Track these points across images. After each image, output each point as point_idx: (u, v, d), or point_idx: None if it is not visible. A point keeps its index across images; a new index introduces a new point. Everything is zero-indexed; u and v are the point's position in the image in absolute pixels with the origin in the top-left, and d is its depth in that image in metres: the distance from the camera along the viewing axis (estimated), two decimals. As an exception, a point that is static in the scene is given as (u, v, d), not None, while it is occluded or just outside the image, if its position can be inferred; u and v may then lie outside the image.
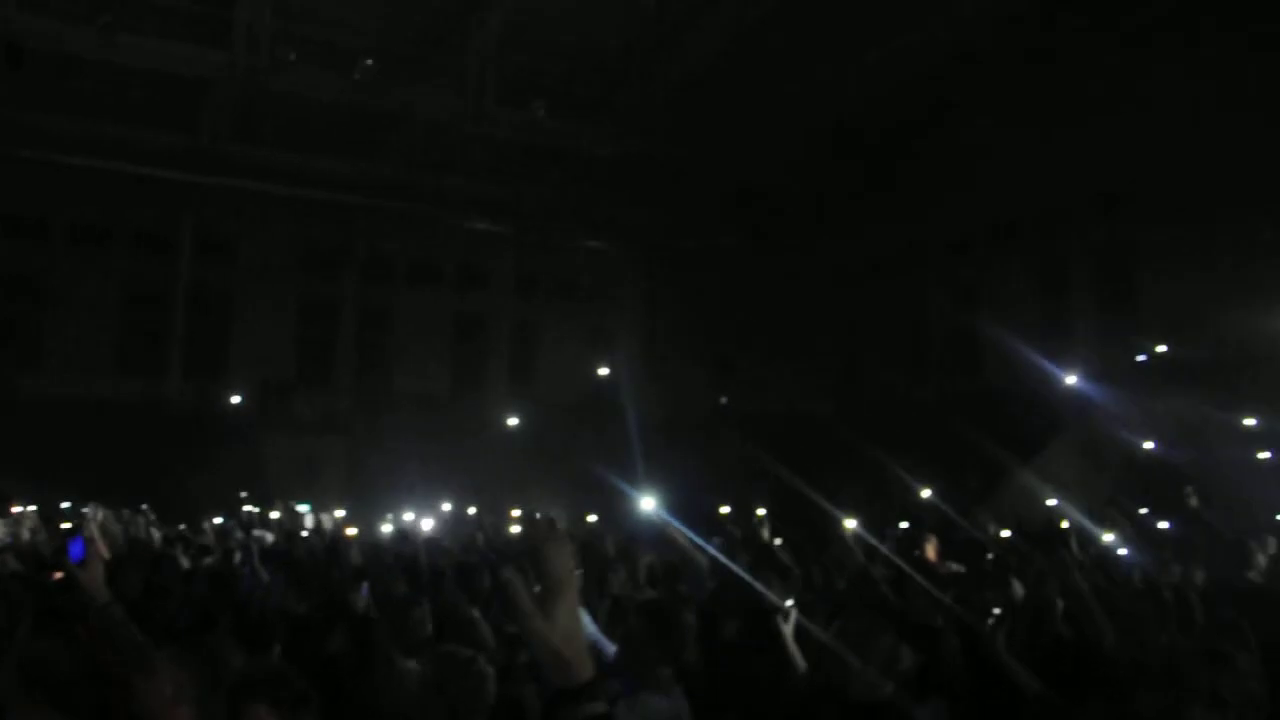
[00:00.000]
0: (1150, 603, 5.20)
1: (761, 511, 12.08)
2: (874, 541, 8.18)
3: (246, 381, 22.91)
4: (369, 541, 11.71)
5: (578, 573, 1.56)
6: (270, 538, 11.67)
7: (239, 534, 10.92)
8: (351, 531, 11.23)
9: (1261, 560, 7.55)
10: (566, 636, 1.49)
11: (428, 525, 13.38)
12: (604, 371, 25.31)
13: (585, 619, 3.78)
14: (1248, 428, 14.45)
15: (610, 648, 3.77)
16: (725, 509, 12.21)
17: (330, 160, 21.96)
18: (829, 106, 21.29)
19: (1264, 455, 12.98)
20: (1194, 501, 10.93)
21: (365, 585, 7.00)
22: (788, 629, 3.80)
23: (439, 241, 24.71)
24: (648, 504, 8.13)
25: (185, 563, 8.27)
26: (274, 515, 13.56)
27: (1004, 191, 22.18)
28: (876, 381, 26.32)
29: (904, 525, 9.46)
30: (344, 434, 22.92)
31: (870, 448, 18.12)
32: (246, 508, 14.48)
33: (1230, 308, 17.37)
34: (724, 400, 26.43)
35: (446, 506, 15.05)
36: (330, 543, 10.63)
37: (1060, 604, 5.38)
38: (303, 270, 24.55)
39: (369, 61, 20.31)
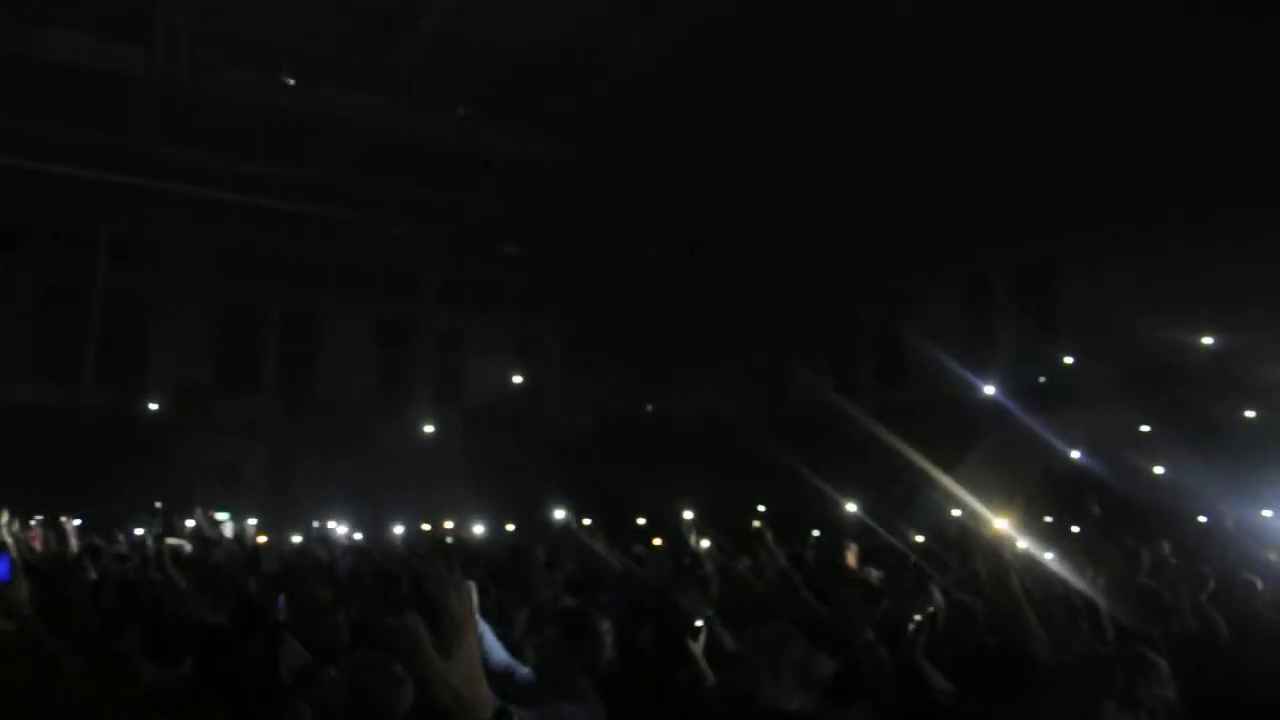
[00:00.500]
0: (1064, 608, 5.32)
1: (689, 515, 12.14)
2: (794, 548, 8.26)
3: (166, 386, 22.41)
4: (290, 549, 11.54)
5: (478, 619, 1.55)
6: (187, 546, 11.43)
7: (151, 543, 10.66)
8: (262, 539, 11.07)
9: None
10: (467, 678, 1.47)
11: (347, 532, 13.23)
12: (530, 379, 25.27)
13: (495, 645, 3.75)
14: (1147, 435, 14.89)
15: (522, 670, 3.74)
16: (641, 520, 12.22)
17: (255, 163, 21.55)
18: (760, 119, 21.48)
19: (1159, 469, 13.38)
20: (1095, 510, 11.24)
21: (282, 596, 6.89)
22: (698, 647, 3.81)
23: (365, 247, 24.44)
24: (559, 513, 8.16)
25: (94, 574, 8.05)
26: (190, 523, 13.28)
27: (930, 205, 22.57)
28: (805, 390, 26.61)
29: (815, 533, 9.55)
30: (265, 441, 22.55)
31: (797, 455, 18.32)
32: (159, 516, 14.14)
33: (1147, 321, 17.92)
34: (650, 408, 26.50)
35: (400, 529, 14.83)
36: (251, 551, 10.46)
37: (982, 609, 5.49)
38: (225, 274, 24.10)
39: (295, 64, 20.09)
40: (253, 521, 15.03)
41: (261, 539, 11.46)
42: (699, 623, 3.87)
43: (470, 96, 21.79)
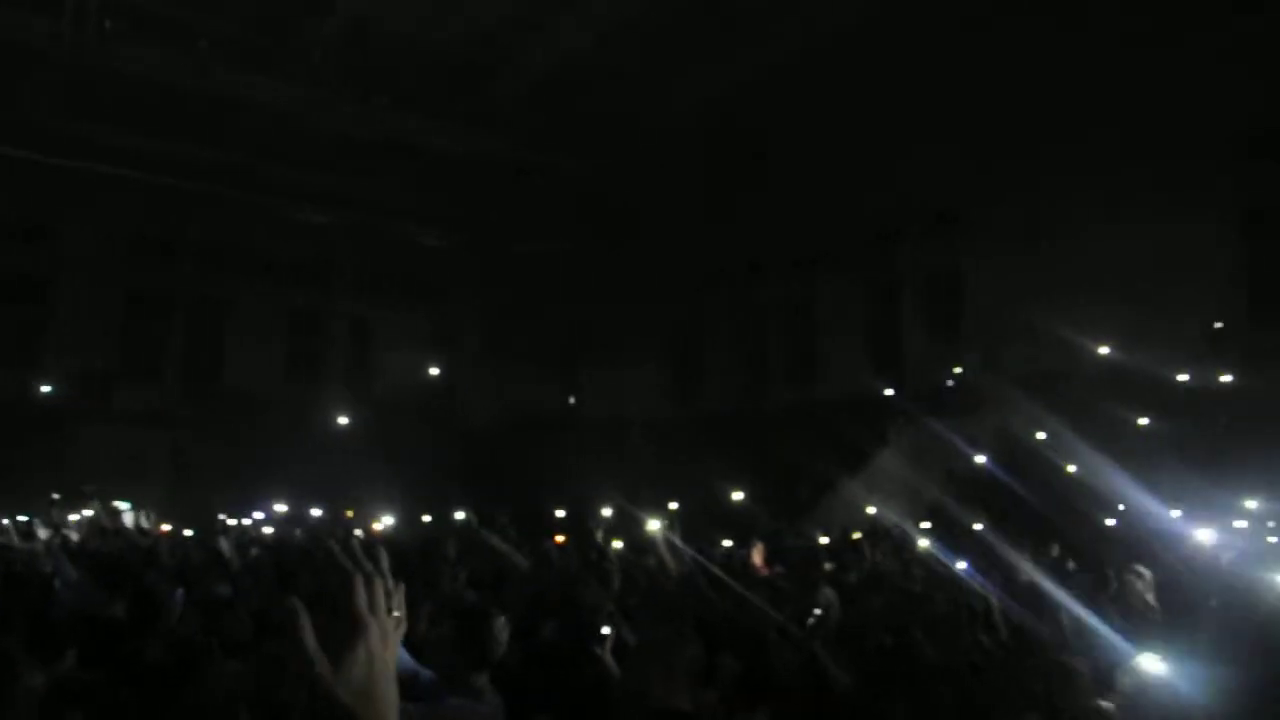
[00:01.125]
0: (963, 608, 5.46)
1: (608, 512, 12.16)
2: (689, 549, 8.33)
3: (66, 372, 21.68)
4: (191, 541, 11.27)
5: (397, 614, 1.27)
6: (74, 535, 11.08)
7: (42, 532, 10.32)
8: (166, 528, 10.78)
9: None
10: (362, 693, 1.16)
11: (251, 524, 12.97)
12: (445, 373, 25.05)
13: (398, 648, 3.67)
14: (1049, 439, 15.28)
15: (425, 673, 3.69)
16: (560, 512, 12.21)
17: (164, 143, 20.91)
18: (674, 118, 21.58)
19: (1071, 468, 13.71)
20: (985, 517, 11.54)
21: (180, 589, 6.71)
22: (605, 650, 3.79)
23: (276, 234, 23.93)
24: (459, 514, 8.13)
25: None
26: (87, 512, 12.87)
27: (839, 209, 22.93)
28: (716, 390, 26.84)
29: (727, 543, 9.59)
30: (169, 429, 21.96)
31: (707, 455, 18.46)
32: (56, 505, 13.72)
33: (1049, 326, 18.40)
34: (573, 400, 26.50)
35: (317, 511, 14.52)
36: (151, 542, 10.19)
37: (879, 607, 5.63)
38: (131, 258, 23.34)
39: (209, 43, 19.57)
40: (148, 514, 14.62)
41: (166, 527, 11.13)
42: (606, 629, 3.86)
43: (388, 85, 21.42)
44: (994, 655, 5.04)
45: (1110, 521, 11.44)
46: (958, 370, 20.31)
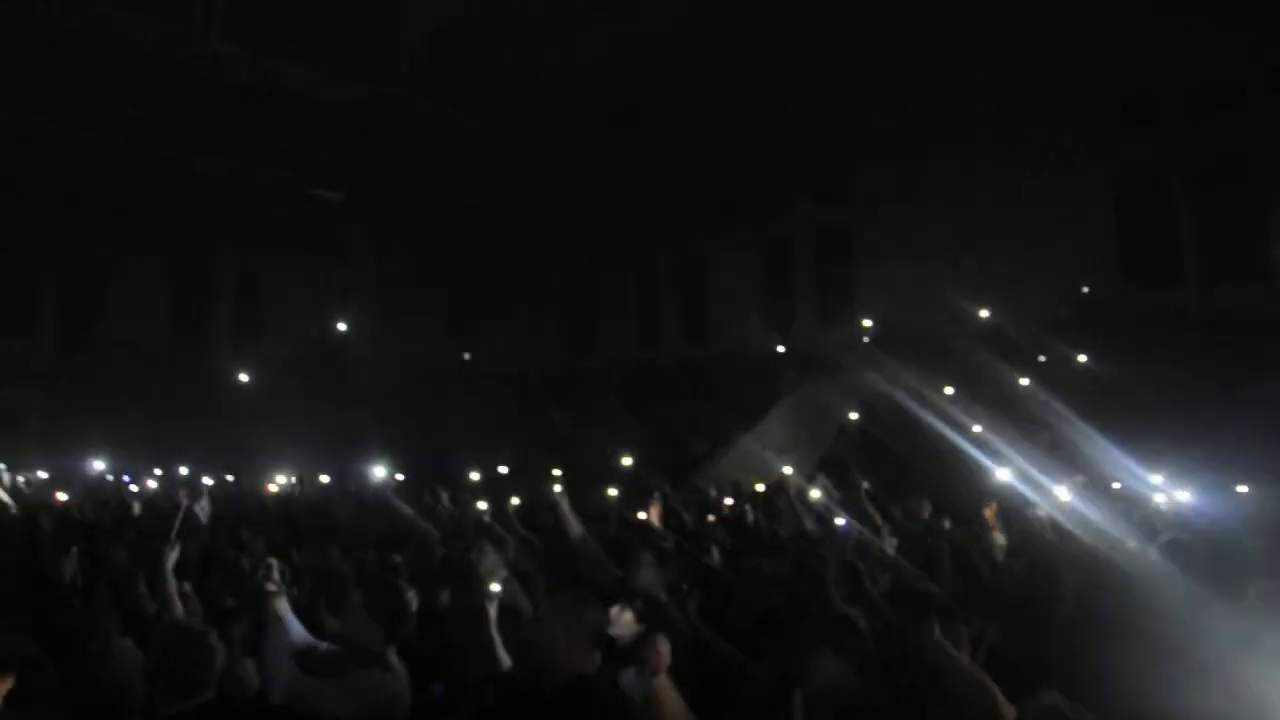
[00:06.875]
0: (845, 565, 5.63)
1: (505, 470, 12.09)
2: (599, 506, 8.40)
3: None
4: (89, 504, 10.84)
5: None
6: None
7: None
8: (62, 496, 10.28)
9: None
10: None
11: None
12: (337, 328, 24.57)
13: (293, 622, 3.62)
14: (949, 399, 15.61)
15: (322, 646, 3.58)
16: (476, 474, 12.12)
17: (30, 83, 19.66)
18: (569, 74, 21.35)
19: (977, 428, 13.98)
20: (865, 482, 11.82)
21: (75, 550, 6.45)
22: (491, 614, 3.73)
23: (154, 181, 22.87)
24: (379, 471, 8.03)
25: None
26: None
27: (731, 169, 23.10)
28: (610, 346, 26.94)
29: (613, 492, 9.60)
30: (43, 384, 21.09)
31: (603, 410, 18.55)
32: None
33: (940, 289, 18.87)
34: (468, 356, 26.24)
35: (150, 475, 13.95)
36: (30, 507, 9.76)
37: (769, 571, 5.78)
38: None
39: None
40: (43, 474, 14.02)
41: (61, 496, 10.51)
42: (495, 586, 3.80)
43: (274, 30, 20.59)
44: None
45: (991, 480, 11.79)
46: (855, 327, 20.65)
